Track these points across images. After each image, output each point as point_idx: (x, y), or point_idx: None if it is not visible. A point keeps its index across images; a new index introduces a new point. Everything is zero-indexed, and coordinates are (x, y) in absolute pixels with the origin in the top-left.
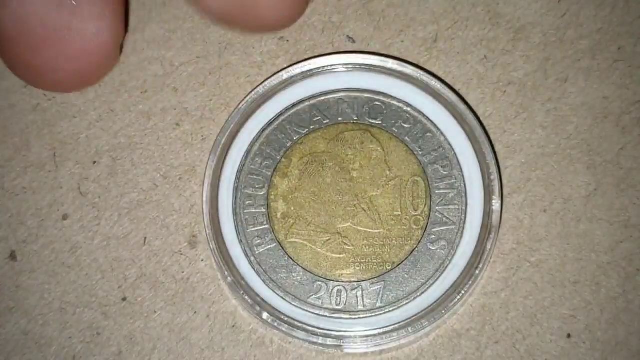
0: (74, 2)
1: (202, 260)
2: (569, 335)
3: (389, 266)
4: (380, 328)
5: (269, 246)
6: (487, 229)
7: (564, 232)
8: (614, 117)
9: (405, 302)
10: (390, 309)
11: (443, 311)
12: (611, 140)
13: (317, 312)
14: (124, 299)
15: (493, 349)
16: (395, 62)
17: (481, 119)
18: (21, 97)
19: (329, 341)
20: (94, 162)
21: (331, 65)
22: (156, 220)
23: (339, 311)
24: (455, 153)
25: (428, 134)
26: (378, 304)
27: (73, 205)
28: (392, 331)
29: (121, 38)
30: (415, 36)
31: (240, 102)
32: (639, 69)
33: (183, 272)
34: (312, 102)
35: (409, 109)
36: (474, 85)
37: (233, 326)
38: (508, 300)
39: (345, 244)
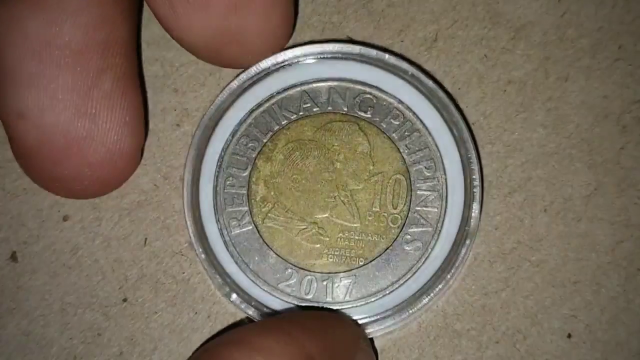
0: (93, 111)
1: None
2: (569, 335)
3: (361, 261)
4: None
5: (245, 229)
6: (463, 235)
7: (564, 232)
8: (615, 116)
9: (373, 299)
10: (358, 305)
11: (409, 311)
12: (612, 139)
13: (285, 299)
14: (125, 300)
15: (493, 349)
16: (392, 56)
17: (480, 119)
18: None
19: None
20: None
21: (328, 52)
22: (157, 221)
23: (307, 300)
24: (440, 155)
25: (416, 133)
26: (346, 298)
27: (73, 206)
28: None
29: (142, 142)
30: (415, 35)
31: (232, 80)
32: (639, 67)
33: (184, 273)
34: (303, 87)
35: (400, 105)
36: (474, 85)
37: (234, 327)
38: (508, 300)
39: (321, 234)
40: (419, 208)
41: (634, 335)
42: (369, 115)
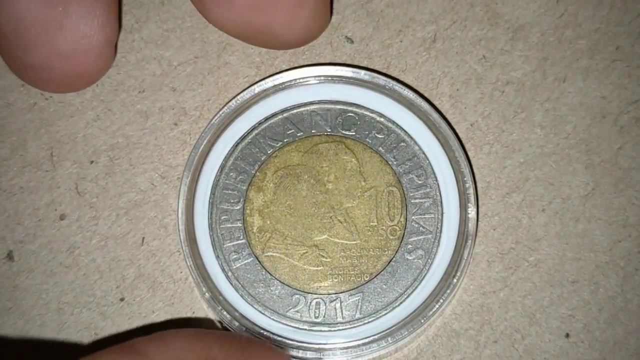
0: (63, 1)
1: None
2: (567, 335)
3: (366, 277)
4: (359, 339)
5: (246, 261)
6: (463, 237)
7: (562, 232)
8: (612, 117)
9: (384, 313)
10: (370, 320)
11: (422, 320)
12: (609, 139)
13: (296, 325)
14: (122, 299)
15: (492, 349)
16: (367, 73)
17: (479, 119)
18: (18, 96)
19: (309, 354)
20: (92, 162)
21: (303, 78)
22: (154, 220)
23: (318, 324)
24: (429, 162)
25: (402, 144)
26: (357, 315)
27: (70, 205)
28: (371, 342)
29: (114, 38)
30: (414, 36)
31: (214, 117)
32: (637, 68)
33: (181, 272)
34: (285, 115)
35: (382, 119)
36: (473, 85)
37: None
38: (507, 300)
39: (323, 256)
40: (415, 217)
41: (632, 334)
42: (353, 133)
